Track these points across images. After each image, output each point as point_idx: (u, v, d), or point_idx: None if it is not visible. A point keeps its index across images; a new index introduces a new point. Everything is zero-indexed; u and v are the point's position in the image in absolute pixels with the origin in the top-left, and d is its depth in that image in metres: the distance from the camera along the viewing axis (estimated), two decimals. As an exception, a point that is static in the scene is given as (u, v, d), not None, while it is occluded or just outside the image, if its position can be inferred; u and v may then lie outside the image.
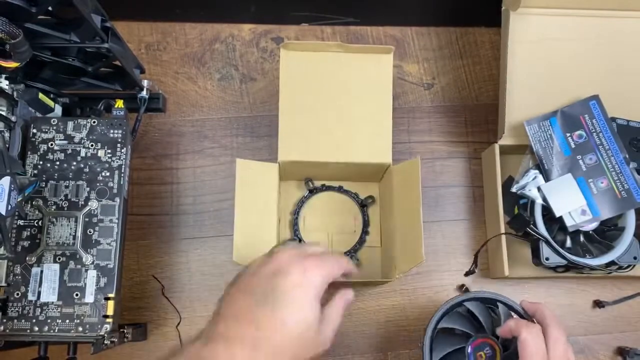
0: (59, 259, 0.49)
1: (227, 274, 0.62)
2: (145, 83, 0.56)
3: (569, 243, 0.60)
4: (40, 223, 0.50)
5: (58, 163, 0.51)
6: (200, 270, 0.63)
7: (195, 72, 0.69)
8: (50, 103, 0.53)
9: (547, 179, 0.60)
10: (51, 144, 0.52)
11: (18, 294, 0.48)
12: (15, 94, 0.50)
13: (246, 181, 0.54)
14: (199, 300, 0.62)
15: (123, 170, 0.52)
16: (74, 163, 0.51)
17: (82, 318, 0.48)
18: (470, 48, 0.72)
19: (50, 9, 0.41)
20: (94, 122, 0.52)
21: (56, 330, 0.47)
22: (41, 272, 0.49)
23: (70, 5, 0.39)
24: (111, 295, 0.48)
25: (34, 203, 0.50)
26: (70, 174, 0.51)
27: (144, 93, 0.57)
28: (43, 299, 0.48)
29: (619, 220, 0.60)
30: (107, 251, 0.49)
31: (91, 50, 0.48)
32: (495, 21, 0.62)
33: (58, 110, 0.55)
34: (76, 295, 0.48)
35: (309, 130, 0.57)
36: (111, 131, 0.52)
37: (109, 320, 0.48)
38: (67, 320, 0.48)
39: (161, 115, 0.67)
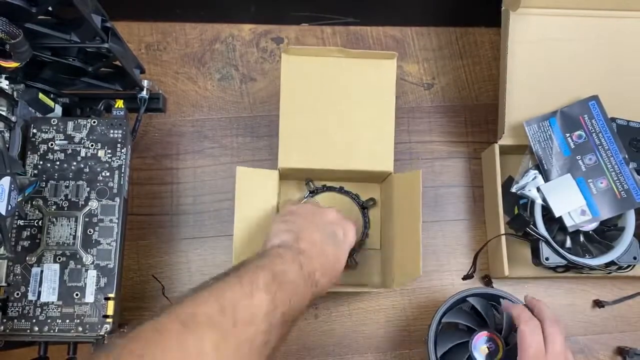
0: (59, 259, 0.49)
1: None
2: (145, 83, 0.56)
3: (568, 243, 0.60)
4: (40, 223, 0.50)
5: (58, 163, 0.51)
6: (200, 270, 0.63)
7: (195, 72, 0.69)
8: (50, 103, 0.54)
9: (547, 179, 0.60)
10: (51, 144, 0.52)
11: (18, 294, 0.48)
12: (15, 94, 0.50)
13: (246, 189, 0.54)
14: (199, 300, 0.62)
15: (123, 170, 0.52)
16: (74, 163, 0.51)
17: (82, 318, 0.48)
18: (470, 48, 0.72)
19: (50, 9, 0.41)
20: (94, 122, 0.52)
21: (56, 330, 0.48)
22: (41, 272, 0.49)
23: (70, 5, 0.40)
24: (111, 295, 0.49)
25: (34, 203, 0.50)
26: (70, 174, 0.51)
27: (144, 93, 0.57)
28: (43, 299, 0.48)
29: (618, 220, 0.61)
30: (107, 251, 0.50)
31: (91, 50, 0.48)
32: (495, 21, 0.62)
33: (58, 110, 0.55)
34: (76, 295, 0.48)
35: (309, 136, 0.57)
36: (111, 131, 0.52)
37: (109, 320, 0.48)
38: (67, 320, 0.48)
39: (161, 115, 0.67)
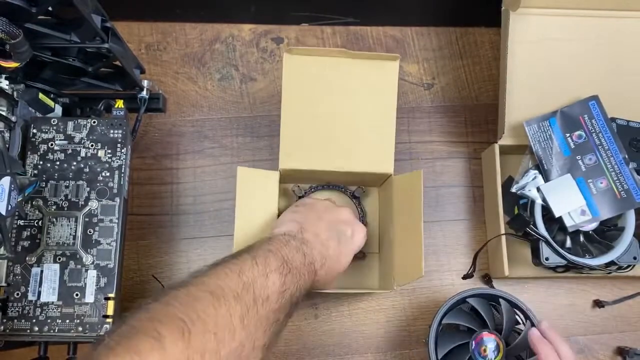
0: (59, 259, 0.49)
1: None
2: (145, 83, 0.56)
3: (568, 243, 0.60)
4: (40, 223, 0.50)
5: (58, 163, 0.51)
6: (200, 270, 0.63)
7: (195, 72, 0.69)
8: (50, 103, 0.53)
9: (547, 179, 0.60)
10: (51, 144, 0.52)
11: (18, 294, 0.48)
12: (15, 94, 0.50)
13: (247, 189, 0.54)
14: (199, 300, 0.62)
15: (123, 170, 0.52)
16: (74, 163, 0.51)
17: (82, 318, 0.48)
18: (470, 48, 0.72)
19: (50, 9, 0.41)
20: (94, 122, 0.52)
21: (56, 330, 0.47)
22: (41, 272, 0.49)
23: (70, 5, 0.39)
24: (111, 295, 0.48)
25: (34, 203, 0.50)
26: (70, 174, 0.51)
27: (144, 93, 0.57)
28: (43, 299, 0.48)
29: (618, 220, 0.61)
30: (107, 251, 0.50)
31: (91, 50, 0.48)
32: (495, 21, 0.62)
33: (58, 110, 0.55)
34: (76, 295, 0.48)
35: (310, 137, 0.57)
36: (111, 131, 0.52)
37: (109, 320, 0.48)
38: (67, 320, 0.48)
39: (161, 115, 0.66)
